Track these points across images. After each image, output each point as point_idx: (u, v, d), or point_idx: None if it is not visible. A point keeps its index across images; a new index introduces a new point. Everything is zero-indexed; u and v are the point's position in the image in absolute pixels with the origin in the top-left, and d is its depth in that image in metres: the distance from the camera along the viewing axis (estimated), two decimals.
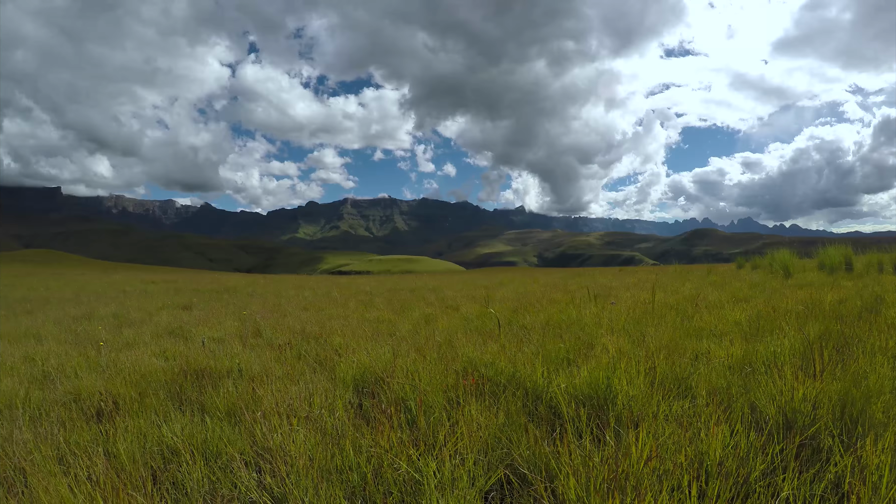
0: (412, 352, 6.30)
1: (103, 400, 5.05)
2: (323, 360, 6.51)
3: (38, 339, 9.40)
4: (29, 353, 7.65)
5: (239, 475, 3.28)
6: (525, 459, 3.38)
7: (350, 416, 4.22)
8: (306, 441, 3.59)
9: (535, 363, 5.12)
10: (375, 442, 3.50)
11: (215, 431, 3.95)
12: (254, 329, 9.60)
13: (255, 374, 5.77)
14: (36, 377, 6.25)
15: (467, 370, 5.27)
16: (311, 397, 4.64)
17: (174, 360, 6.78)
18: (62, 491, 2.93)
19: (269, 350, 7.28)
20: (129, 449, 3.73)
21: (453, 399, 4.46)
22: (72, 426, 4.36)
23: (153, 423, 4.21)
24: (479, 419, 3.87)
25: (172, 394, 5.27)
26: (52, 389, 5.60)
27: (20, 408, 4.87)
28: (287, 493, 3.06)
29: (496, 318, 8.42)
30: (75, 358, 7.10)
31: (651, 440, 3.09)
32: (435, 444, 3.55)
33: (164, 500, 3.16)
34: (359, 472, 3.24)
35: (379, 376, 5.32)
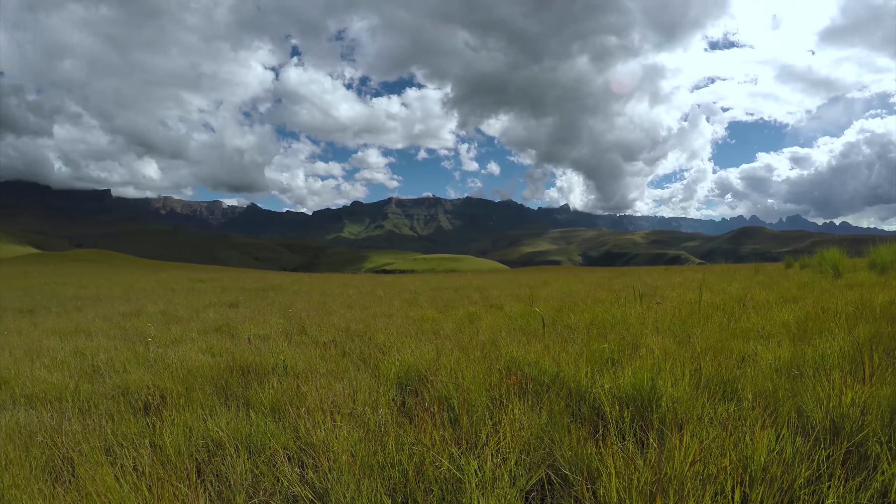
0: (456, 350, 6.31)
1: (151, 394, 5.26)
2: (367, 357, 6.61)
3: (88, 335, 9.82)
4: (79, 348, 8.01)
5: (282, 469, 3.37)
6: (567, 460, 3.37)
7: (393, 414, 4.27)
8: (349, 437, 3.65)
9: (579, 363, 5.09)
10: (418, 439, 3.53)
11: (259, 426, 4.07)
12: (299, 326, 9.80)
13: (300, 371, 5.92)
14: (85, 371, 6.53)
15: (511, 369, 5.28)
16: (354, 394, 4.72)
17: (220, 356, 7.00)
18: (108, 480, 3.06)
19: (313, 347, 7.42)
20: (175, 441, 3.88)
21: (496, 398, 4.47)
22: (119, 419, 4.54)
23: (199, 417, 4.36)
24: (521, 419, 3.88)
25: (218, 389, 5.45)
26: (100, 383, 5.85)
27: (69, 400, 5.11)
28: (329, 488, 3.12)
29: (540, 318, 8.40)
30: (124, 353, 7.39)
31: (695, 443, 3.06)
32: (477, 442, 3.56)
33: (208, 491, 3.27)
34: (400, 469, 3.28)
35: (422, 374, 5.38)
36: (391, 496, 3.14)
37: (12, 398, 5.40)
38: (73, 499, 3.05)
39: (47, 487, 3.28)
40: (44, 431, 4.18)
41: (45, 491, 3.21)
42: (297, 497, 3.17)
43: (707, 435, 3.37)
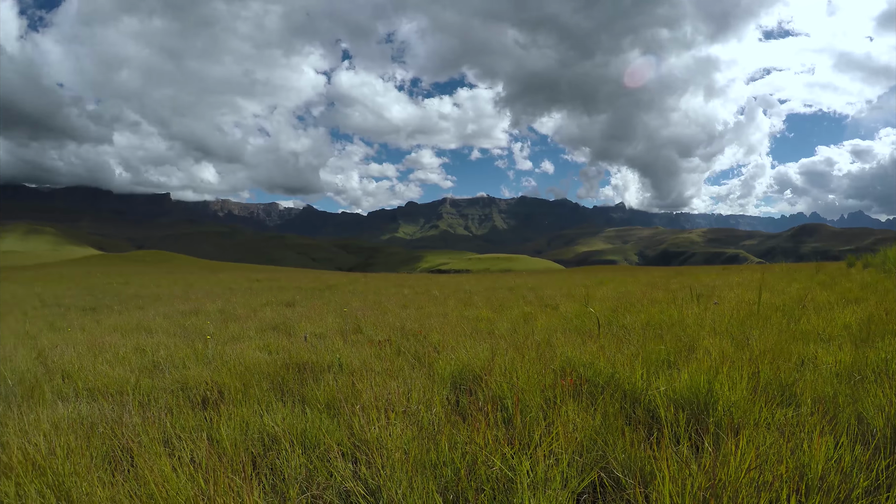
0: (510, 350, 6.32)
1: (209, 389, 5.45)
2: (422, 356, 6.66)
3: (149, 332, 10.21)
4: (140, 345, 8.33)
5: (335, 465, 3.44)
6: (620, 463, 3.36)
7: (447, 412, 4.31)
8: (403, 435, 3.71)
9: (634, 364, 5.06)
10: (471, 438, 3.54)
11: (314, 422, 4.16)
12: (354, 325, 9.97)
13: (355, 369, 6.01)
14: (146, 366, 6.78)
15: (565, 370, 5.26)
16: (409, 392, 4.78)
17: (277, 353, 7.17)
18: (166, 470, 3.18)
19: (368, 346, 7.53)
20: (232, 435, 4.00)
21: (550, 399, 4.47)
22: (178, 412, 4.71)
23: (255, 413, 4.49)
24: (575, 420, 3.88)
25: (275, 385, 5.60)
26: (160, 378, 6.07)
27: (130, 394, 5.34)
28: (381, 485, 3.17)
29: (596, 318, 8.34)
30: (183, 350, 7.65)
31: (751, 449, 3.00)
32: (530, 443, 3.57)
33: (262, 484, 3.37)
34: (452, 468, 3.30)
35: (477, 374, 5.41)
36: (443, 494, 3.16)
37: (75, 391, 5.66)
38: (132, 487, 3.17)
39: (107, 476, 3.43)
40: (105, 423, 4.36)
41: (105, 479, 3.36)
42: (350, 492, 3.23)
43: (764, 441, 3.31)
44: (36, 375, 6.21)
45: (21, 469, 3.39)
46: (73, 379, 6.10)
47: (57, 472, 3.36)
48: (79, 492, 3.21)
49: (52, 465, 3.42)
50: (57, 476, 3.34)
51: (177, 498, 2.99)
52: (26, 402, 5.15)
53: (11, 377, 6.02)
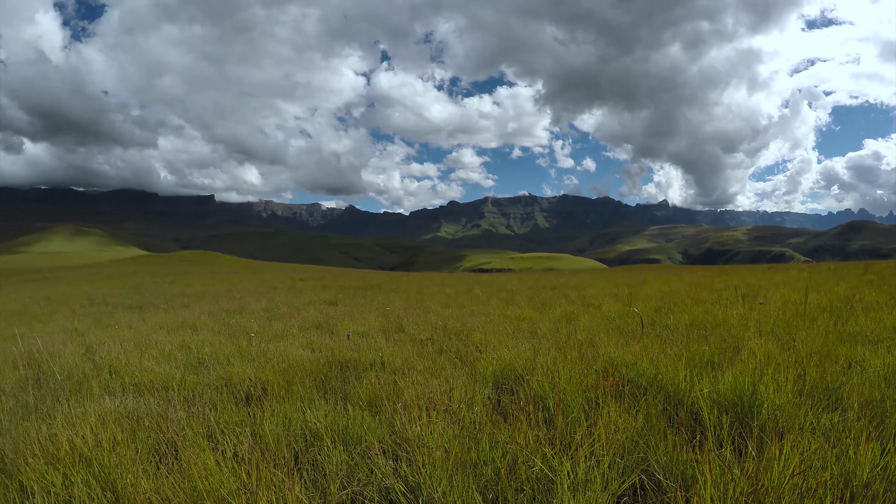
0: (553, 350, 6.31)
1: (252, 386, 5.57)
2: (464, 355, 6.70)
3: (194, 330, 10.49)
4: (185, 342, 8.55)
5: (376, 462, 3.48)
6: (661, 466, 3.34)
7: (488, 412, 4.32)
8: (444, 433, 3.73)
9: (677, 366, 5.00)
10: (512, 438, 3.57)
11: (356, 419, 4.23)
12: (397, 324, 10.06)
13: (397, 367, 6.08)
14: (191, 363, 6.96)
15: (608, 370, 5.24)
16: (450, 391, 4.81)
17: (320, 351, 7.28)
18: (209, 464, 3.26)
19: (411, 344, 7.60)
20: (274, 431, 4.09)
21: (592, 399, 4.47)
22: (222, 408, 4.83)
23: (298, 409, 4.57)
24: (617, 421, 3.86)
25: (318, 383, 5.69)
26: (205, 374, 6.23)
27: (175, 389, 5.49)
28: (421, 482, 3.20)
29: (639, 318, 8.28)
30: (228, 347, 7.83)
31: (795, 454, 2.97)
32: (571, 443, 3.56)
33: (304, 479, 3.43)
34: (493, 467, 3.32)
35: (518, 373, 5.42)
36: (482, 493, 3.18)
37: (122, 387, 5.84)
38: (176, 479, 3.25)
39: (151, 468, 3.54)
40: (150, 417, 4.50)
41: (150, 471, 3.46)
42: (390, 489, 3.28)
43: (808, 446, 3.25)
44: (84, 371, 6.43)
45: (68, 460, 3.50)
46: (120, 374, 6.29)
47: (103, 464, 3.46)
48: (123, 483, 3.31)
49: (99, 456, 3.52)
50: (103, 467, 3.44)
51: (220, 490, 3.06)
52: (74, 396, 5.34)
53: (60, 372, 6.24)
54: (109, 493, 3.28)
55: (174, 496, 3.09)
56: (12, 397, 5.33)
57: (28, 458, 3.51)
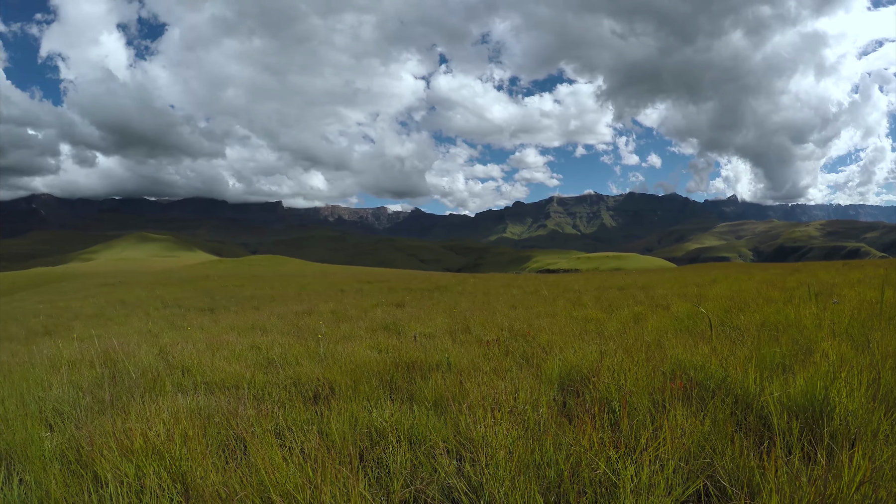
0: (619, 351, 6.27)
1: (320, 385, 5.71)
2: (530, 356, 6.69)
3: (264, 331, 10.81)
4: (255, 343, 8.82)
5: (440, 461, 3.54)
6: (727, 471, 3.28)
7: (553, 413, 4.34)
8: (508, 434, 3.77)
9: (747, 368, 4.89)
10: (576, 440, 3.56)
11: (421, 419, 4.30)
12: (463, 325, 10.12)
13: (463, 368, 6.12)
14: (260, 363, 7.19)
15: (675, 372, 5.18)
16: (516, 392, 4.84)
17: (387, 352, 7.40)
18: (276, 460, 3.37)
19: (477, 346, 7.65)
20: (341, 429, 4.19)
21: (659, 402, 4.42)
22: (290, 406, 4.98)
23: (364, 408, 4.67)
24: (683, 425, 3.80)
25: (384, 383, 5.81)
26: (274, 374, 6.43)
27: (245, 388, 5.68)
28: (484, 483, 3.23)
29: (708, 318, 8.06)
30: (297, 348, 8.03)
31: (866, 463, 2.86)
32: (636, 447, 3.53)
33: (368, 476, 3.51)
34: (556, 469, 3.33)
35: (584, 375, 5.41)
36: (544, 495, 3.19)
37: (194, 385, 6.08)
38: (244, 473, 3.38)
39: (220, 462, 3.69)
40: (220, 414, 4.68)
41: (219, 465, 3.61)
42: (452, 488, 3.32)
43: (880, 454, 3.13)
44: (157, 370, 6.72)
45: (141, 453, 3.68)
46: (192, 373, 6.54)
47: (174, 457, 3.63)
48: (193, 475, 3.47)
49: (170, 450, 3.70)
50: (174, 460, 3.61)
51: (285, 485, 3.16)
52: (148, 393, 5.61)
53: (135, 371, 6.54)
54: (179, 485, 3.43)
55: (241, 489, 3.21)
56: (89, 394, 5.63)
57: (103, 451, 3.70)
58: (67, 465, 3.77)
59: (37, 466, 3.64)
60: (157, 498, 3.18)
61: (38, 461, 3.73)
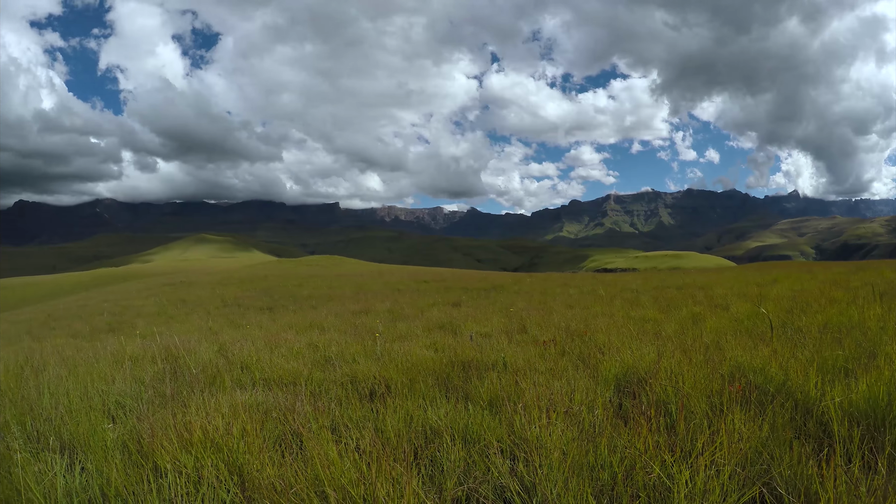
0: (677, 352, 6.20)
1: (376, 383, 5.80)
2: (586, 357, 6.68)
3: (322, 330, 11.01)
4: (313, 341, 8.99)
5: (493, 460, 3.55)
6: (784, 479, 3.21)
7: (609, 415, 4.31)
8: (563, 435, 3.76)
9: (808, 371, 4.76)
10: (631, 443, 3.54)
11: (476, 418, 4.32)
12: (519, 325, 10.11)
13: (519, 368, 6.13)
14: (318, 361, 7.32)
15: (734, 375, 5.09)
16: (572, 393, 4.84)
17: (443, 351, 7.44)
18: (332, 455, 3.43)
19: (533, 346, 7.65)
20: (396, 427, 4.26)
21: (716, 405, 4.36)
22: (346, 403, 5.08)
23: (419, 407, 4.71)
24: (741, 429, 3.74)
25: (440, 382, 5.86)
26: (331, 371, 6.55)
27: (302, 385, 5.80)
28: (537, 483, 3.23)
29: (768, 319, 7.84)
30: (354, 346, 8.15)
31: None
32: (692, 451, 3.47)
33: (422, 473, 3.55)
34: (610, 472, 3.31)
35: (641, 377, 5.36)
36: (597, 497, 3.18)
37: (252, 381, 6.25)
38: (299, 467, 3.45)
39: (277, 456, 3.77)
40: (278, 410, 4.80)
41: (275, 458, 3.70)
42: (505, 487, 3.33)
43: None
44: (217, 366, 6.91)
45: (200, 445, 3.80)
46: (251, 370, 6.72)
47: (232, 450, 3.74)
48: (250, 468, 3.56)
49: (228, 443, 3.81)
50: (232, 453, 3.72)
51: (340, 480, 3.22)
52: (208, 388, 5.78)
53: (195, 367, 6.74)
54: (236, 477, 3.53)
55: (296, 483, 3.28)
56: (151, 388, 5.84)
57: (163, 442, 3.83)
58: (128, 455, 3.92)
59: (99, 456, 3.79)
60: (213, 489, 3.28)
61: (101, 451, 3.89)
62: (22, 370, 6.91)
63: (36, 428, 4.49)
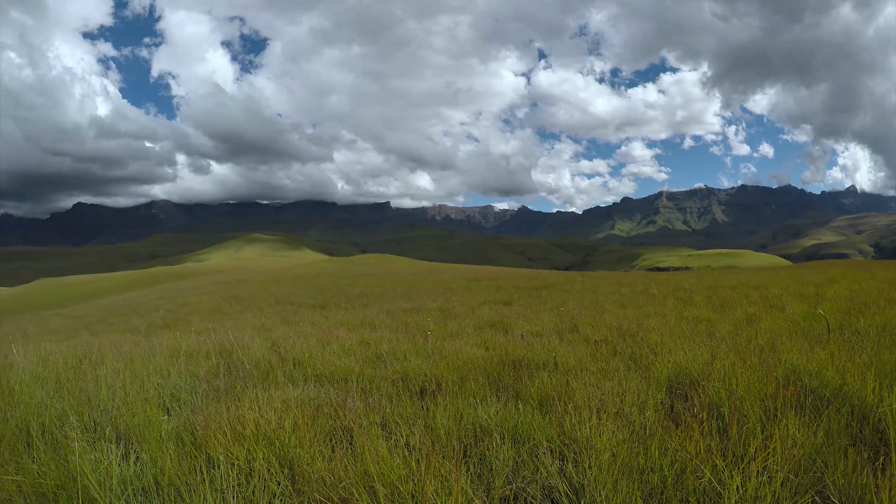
0: (731, 354, 6.08)
1: (427, 381, 5.86)
2: (638, 357, 6.61)
3: (373, 327, 11.15)
4: (364, 338, 9.10)
5: (542, 460, 3.55)
6: (838, 488, 3.12)
7: (660, 417, 4.26)
8: (613, 437, 3.73)
9: (866, 376, 4.59)
10: (682, 446, 3.50)
11: (526, 417, 4.32)
12: (570, 324, 10.05)
13: (570, 368, 6.10)
14: (369, 358, 7.41)
15: (789, 378, 4.97)
16: (623, 394, 4.79)
17: (493, 350, 7.46)
18: (381, 451, 3.47)
19: (584, 345, 7.59)
20: (446, 424, 4.29)
21: (770, 409, 4.27)
22: (397, 400, 5.14)
23: (470, 405, 4.73)
24: (794, 435, 3.66)
25: (490, 380, 5.85)
26: (382, 368, 6.63)
27: (354, 381, 5.88)
28: (585, 484, 3.22)
29: (825, 321, 7.59)
30: (405, 344, 8.22)
31: None
32: (744, 456, 3.40)
33: (470, 471, 3.57)
34: (660, 475, 3.28)
35: (694, 378, 5.28)
36: (646, 500, 3.16)
37: (304, 377, 6.36)
38: (349, 462, 3.52)
39: (327, 450, 3.85)
40: (329, 405, 4.88)
41: (325, 453, 3.77)
42: (553, 488, 3.33)
43: None
44: (270, 362, 7.05)
45: (252, 438, 3.89)
46: (303, 366, 6.84)
47: (283, 444, 3.82)
48: (300, 462, 3.64)
49: (280, 437, 3.89)
50: (283, 447, 3.80)
51: (389, 475, 3.26)
52: (261, 383, 5.91)
53: (248, 362, 6.89)
54: (287, 470, 3.61)
55: (346, 477, 3.34)
56: (205, 382, 5.99)
57: (216, 434, 3.94)
58: (182, 446, 4.03)
59: (153, 446, 3.91)
60: (264, 481, 3.35)
61: (155, 441, 4.01)
62: (80, 363, 7.16)
63: (93, 418, 4.66)
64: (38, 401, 5.00)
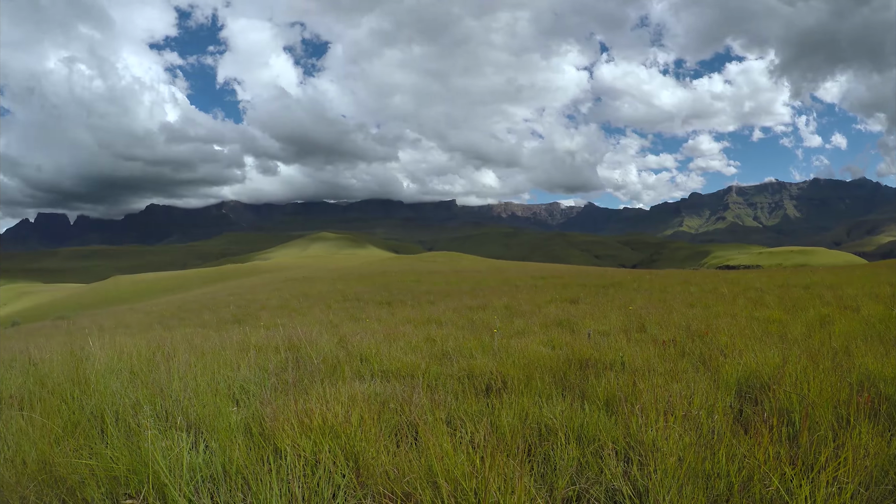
0: (803, 357, 5.88)
1: (493, 379, 5.86)
2: (707, 359, 6.48)
3: (439, 324, 11.24)
4: (430, 335, 9.20)
5: (607, 462, 3.52)
6: None
7: (728, 422, 4.16)
8: (680, 440, 3.67)
9: None
10: (750, 452, 3.42)
11: (592, 418, 4.29)
12: (638, 324, 9.93)
13: (637, 368, 6.02)
14: (435, 354, 7.48)
15: (863, 384, 4.79)
16: (691, 396, 4.68)
17: (560, 349, 7.44)
18: (445, 447, 3.49)
19: (652, 345, 7.47)
20: (511, 423, 4.29)
21: (843, 416, 4.12)
22: (463, 397, 5.18)
23: (535, 404, 4.73)
24: (867, 444, 3.50)
25: (556, 379, 5.84)
26: (448, 365, 6.68)
27: (420, 378, 5.91)
28: (650, 488, 3.18)
29: None
30: (471, 341, 8.25)
31: None
32: (814, 465, 3.30)
33: (534, 471, 3.57)
34: (726, 481, 3.22)
35: (764, 382, 5.15)
36: None
37: (371, 372, 6.49)
38: (413, 457, 3.57)
39: (392, 445, 3.90)
40: (395, 401, 4.93)
41: (390, 448, 3.82)
42: (617, 490, 3.30)
43: None
44: (337, 357, 7.19)
45: (319, 431, 3.97)
46: (370, 362, 6.95)
47: (349, 437, 3.89)
48: (365, 455, 3.71)
49: (346, 430, 3.96)
50: (349, 440, 3.87)
51: (453, 472, 3.27)
52: (328, 378, 6.02)
53: (316, 357, 7.03)
54: (352, 463, 3.68)
55: (410, 471, 3.38)
56: (274, 375, 6.14)
57: (284, 426, 4.03)
58: (250, 436, 4.16)
59: (222, 436, 4.03)
60: (329, 473, 3.41)
61: (224, 432, 4.14)
62: (153, 356, 7.44)
63: (165, 408, 4.84)
64: (113, 391, 5.22)
